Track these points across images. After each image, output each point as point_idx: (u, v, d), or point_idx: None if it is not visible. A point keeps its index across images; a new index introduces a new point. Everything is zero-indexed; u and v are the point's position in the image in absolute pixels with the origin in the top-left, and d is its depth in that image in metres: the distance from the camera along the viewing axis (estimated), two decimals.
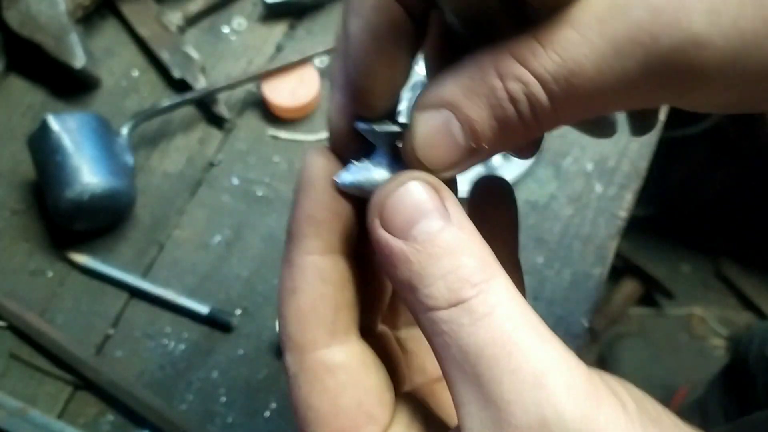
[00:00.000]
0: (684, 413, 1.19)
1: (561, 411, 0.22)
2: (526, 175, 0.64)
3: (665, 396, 1.26)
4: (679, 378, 1.33)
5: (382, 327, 0.29)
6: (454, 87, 0.25)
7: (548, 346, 0.23)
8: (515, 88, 0.24)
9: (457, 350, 0.23)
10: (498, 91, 0.24)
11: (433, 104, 0.26)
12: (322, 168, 0.26)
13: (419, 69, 0.66)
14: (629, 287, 1.46)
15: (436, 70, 0.26)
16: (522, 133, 0.25)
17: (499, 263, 0.24)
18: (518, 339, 0.22)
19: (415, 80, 0.67)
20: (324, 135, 0.67)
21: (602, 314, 1.44)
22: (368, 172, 0.27)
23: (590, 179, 0.64)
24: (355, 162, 0.27)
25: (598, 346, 1.42)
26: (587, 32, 0.23)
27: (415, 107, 0.26)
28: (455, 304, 0.23)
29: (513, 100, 0.24)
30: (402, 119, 0.31)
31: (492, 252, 0.24)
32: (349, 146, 0.27)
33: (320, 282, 0.25)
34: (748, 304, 1.49)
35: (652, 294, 1.48)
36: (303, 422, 0.25)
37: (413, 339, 0.31)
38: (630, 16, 0.22)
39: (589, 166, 0.65)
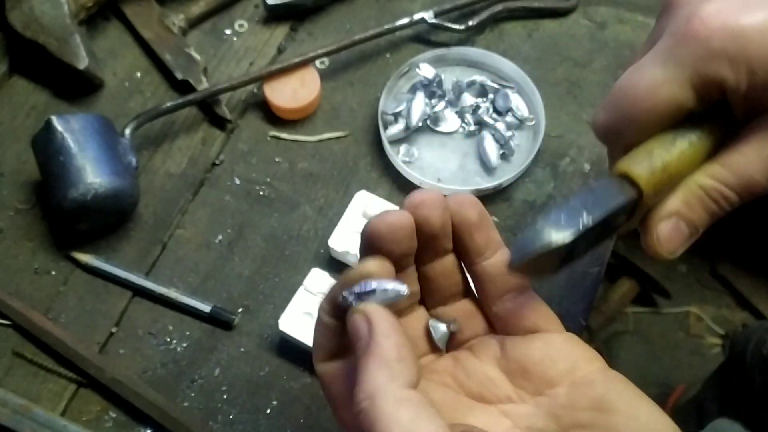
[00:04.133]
0: (681, 412, 1.20)
1: None
2: (524, 175, 0.65)
3: (662, 394, 1.27)
4: (675, 376, 1.34)
5: None
6: (677, 203, 0.40)
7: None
8: (714, 193, 0.40)
9: None
10: (705, 197, 0.40)
11: (667, 215, 0.41)
12: None
13: (420, 71, 0.67)
14: (626, 286, 1.47)
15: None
16: (721, 214, 0.41)
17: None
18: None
19: (414, 81, 0.68)
20: (324, 135, 0.68)
21: (599, 313, 1.45)
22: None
23: (587, 179, 0.65)
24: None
25: (595, 345, 1.43)
26: (750, 157, 0.39)
27: (654, 219, 0.41)
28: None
29: (715, 200, 0.40)
30: (401, 122, 0.34)
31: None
32: None
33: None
34: (743, 303, 1.50)
35: (648, 293, 1.49)
36: None
37: None
38: None
39: (587, 167, 0.66)
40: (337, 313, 0.36)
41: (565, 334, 0.39)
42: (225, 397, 0.58)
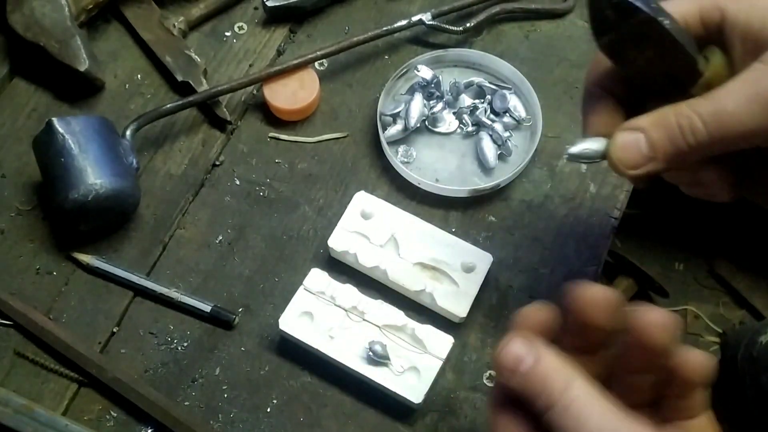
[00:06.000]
0: None
1: None
2: (522, 175, 0.66)
3: None
4: None
5: None
6: (646, 120, 0.42)
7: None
8: (684, 122, 0.40)
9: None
10: (673, 123, 0.40)
11: (631, 128, 0.42)
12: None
13: (419, 72, 0.67)
14: (623, 285, 1.47)
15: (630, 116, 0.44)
16: (684, 152, 0.41)
17: (567, 379, 0.36)
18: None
19: (413, 82, 0.68)
20: (323, 136, 0.68)
21: None
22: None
23: (584, 179, 0.66)
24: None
25: None
26: (733, 92, 0.39)
27: (621, 127, 0.43)
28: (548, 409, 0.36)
29: (681, 128, 0.40)
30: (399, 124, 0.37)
31: (564, 372, 0.37)
32: None
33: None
34: (741, 302, 1.50)
35: (646, 291, 1.49)
36: None
37: None
38: (762, 85, 0.39)
39: (583, 167, 0.66)
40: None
41: None
42: (225, 396, 0.58)
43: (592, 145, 0.44)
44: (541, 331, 0.39)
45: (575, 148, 0.45)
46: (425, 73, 0.66)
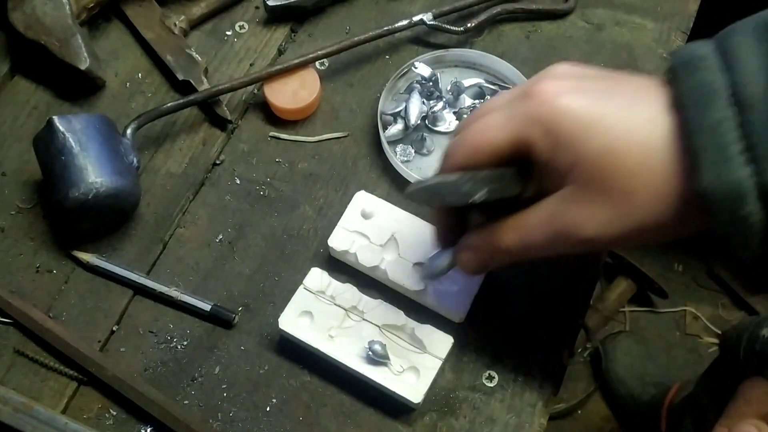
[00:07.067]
0: (677, 409, 1.21)
1: None
2: None
3: (659, 393, 1.28)
4: (672, 375, 1.34)
5: None
6: (473, 240, 0.51)
7: None
8: (495, 248, 0.49)
9: None
10: (488, 247, 0.50)
11: (464, 247, 0.52)
12: None
13: (417, 69, 0.67)
14: (623, 286, 1.47)
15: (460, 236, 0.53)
16: (493, 264, 0.51)
17: None
18: None
19: (411, 82, 0.68)
20: (324, 135, 0.68)
21: (596, 312, 1.46)
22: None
23: None
24: None
25: (592, 344, 1.44)
26: (533, 214, 0.47)
27: (457, 248, 0.52)
28: None
29: (495, 252, 0.49)
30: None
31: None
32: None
33: None
34: (740, 303, 1.51)
35: (645, 292, 1.50)
36: None
37: None
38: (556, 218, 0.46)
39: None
40: None
41: None
42: (225, 395, 0.58)
43: (443, 261, 0.53)
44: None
45: (431, 272, 0.55)
46: (423, 69, 0.66)
